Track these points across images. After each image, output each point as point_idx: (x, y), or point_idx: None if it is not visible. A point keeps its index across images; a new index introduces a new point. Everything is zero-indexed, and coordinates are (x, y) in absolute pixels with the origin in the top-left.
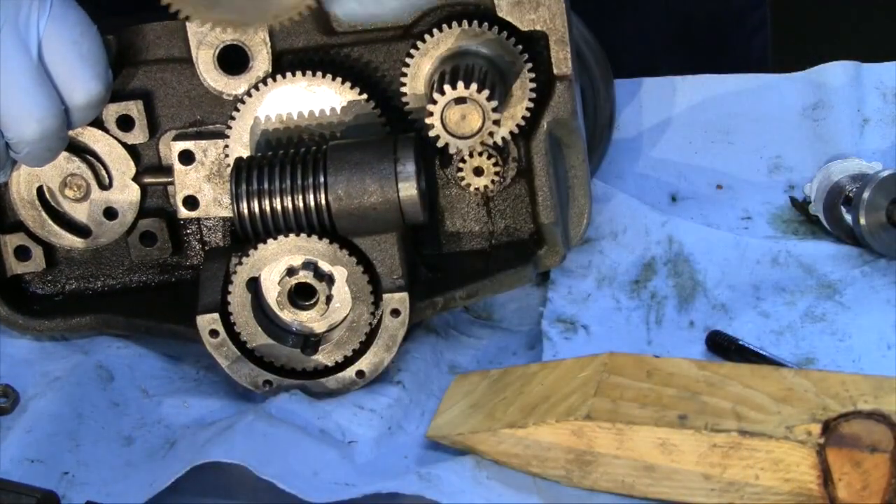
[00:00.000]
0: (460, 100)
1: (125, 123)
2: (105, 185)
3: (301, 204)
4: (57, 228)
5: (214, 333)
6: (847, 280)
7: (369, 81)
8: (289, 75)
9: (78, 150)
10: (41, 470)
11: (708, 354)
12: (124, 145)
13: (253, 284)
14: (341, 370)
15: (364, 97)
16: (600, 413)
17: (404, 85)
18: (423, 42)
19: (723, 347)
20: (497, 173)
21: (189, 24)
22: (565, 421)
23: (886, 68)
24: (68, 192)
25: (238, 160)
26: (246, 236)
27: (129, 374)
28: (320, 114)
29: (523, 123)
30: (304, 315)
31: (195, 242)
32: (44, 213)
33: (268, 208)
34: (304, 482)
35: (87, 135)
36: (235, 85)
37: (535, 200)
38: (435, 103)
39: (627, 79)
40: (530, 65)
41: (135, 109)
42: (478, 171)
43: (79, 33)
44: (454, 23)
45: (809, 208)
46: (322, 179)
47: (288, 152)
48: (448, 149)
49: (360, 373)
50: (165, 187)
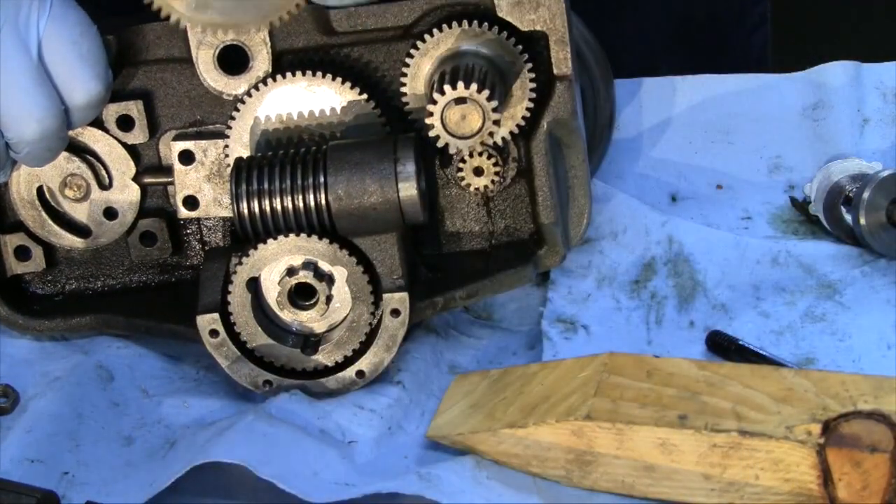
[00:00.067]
0: (460, 100)
1: (125, 123)
2: (105, 185)
3: (301, 204)
4: (57, 228)
5: (214, 333)
6: (847, 280)
7: (369, 81)
8: (289, 75)
9: (78, 150)
10: (41, 470)
11: (708, 354)
12: (124, 145)
13: (253, 284)
14: (341, 370)
15: (364, 97)
16: (600, 413)
17: (404, 85)
18: (423, 42)
19: (723, 347)
20: (497, 173)
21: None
22: (565, 421)
23: (886, 68)
24: (68, 192)
25: (238, 160)
26: (246, 236)
27: (129, 374)
28: (320, 114)
29: (523, 123)
30: (304, 315)
31: (195, 242)
32: (44, 213)
33: (268, 208)
34: (304, 482)
35: (87, 135)
36: (235, 85)
37: (535, 200)
38: (435, 103)
39: (627, 79)
40: (530, 65)
41: (135, 109)
42: (478, 171)
43: (79, 33)
44: (454, 23)
45: (809, 208)
46: (322, 179)
47: (288, 152)
48: (448, 149)
49: (360, 373)
50: (165, 187)
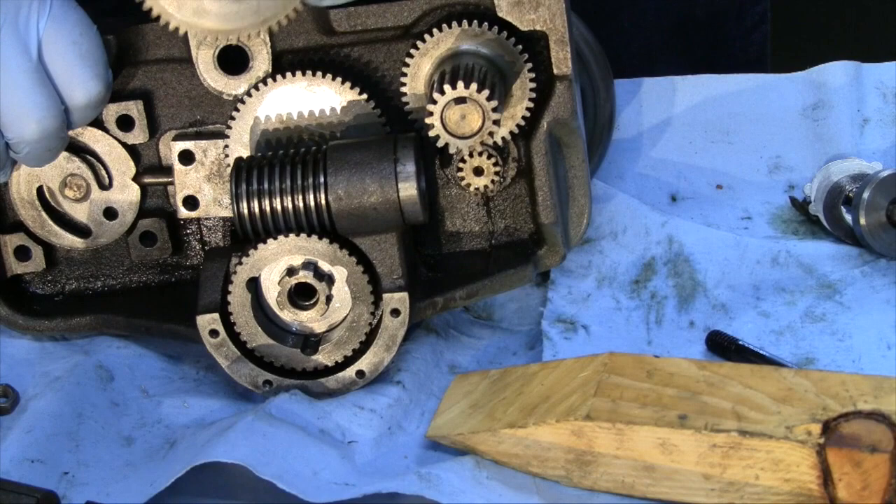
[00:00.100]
0: (460, 100)
1: (125, 123)
2: (105, 185)
3: (301, 204)
4: (57, 228)
5: (214, 333)
6: (847, 280)
7: (369, 81)
8: (289, 75)
9: (78, 150)
10: (41, 470)
11: (708, 354)
12: (124, 145)
13: (253, 284)
14: (341, 370)
15: (364, 97)
16: (600, 413)
17: (404, 85)
18: (423, 42)
19: (723, 347)
20: (497, 173)
21: None
22: (565, 421)
23: (886, 68)
24: (68, 192)
25: (238, 160)
26: (246, 236)
27: (129, 374)
28: (320, 114)
29: (523, 123)
30: (304, 315)
31: (195, 242)
32: (44, 213)
33: (268, 208)
34: (304, 482)
35: (87, 135)
36: (235, 85)
37: (535, 200)
38: (435, 103)
39: (627, 79)
40: (530, 65)
41: (135, 109)
42: (478, 171)
43: (78, 33)
44: (454, 23)
45: (809, 208)
46: (322, 179)
47: (288, 152)
48: (448, 149)
49: (360, 373)
50: (165, 187)
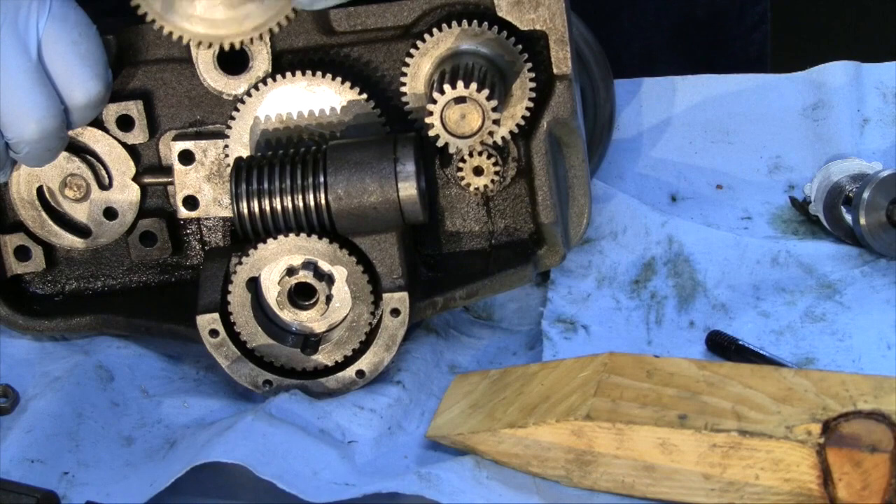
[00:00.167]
0: (460, 99)
1: (125, 123)
2: (105, 185)
3: (301, 204)
4: (57, 228)
5: (214, 333)
6: (847, 280)
7: (369, 81)
8: (289, 75)
9: (78, 150)
10: (41, 470)
11: (708, 354)
12: (124, 145)
13: (253, 284)
14: (341, 370)
15: (364, 97)
16: (600, 413)
17: (404, 85)
18: (423, 42)
19: (723, 347)
20: (497, 173)
21: None
22: (565, 421)
23: (886, 68)
24: (68, 192)
25: (238, 160)
26: (246, 236)
27: (129, 374)
28: (320, 114)
29: (523, 123)
30: (304, 315)
31: (195, 242)
32: (44, 213)
33: (268, 208)
34: (304, 482)
35: (87, 135)
36: (235, 85)
37: (535, 200)
38: (435, 103)
39: (627, 79)
40: (530, 64)
41: (135, 109)
42: (478, 171)
43: (78, 33)
44: (454, 22)
45: (809, 208)
46: (322, 179)
47: (288, 152)
48: (448, 148)
49: (360, 372)
50: (165, 187)
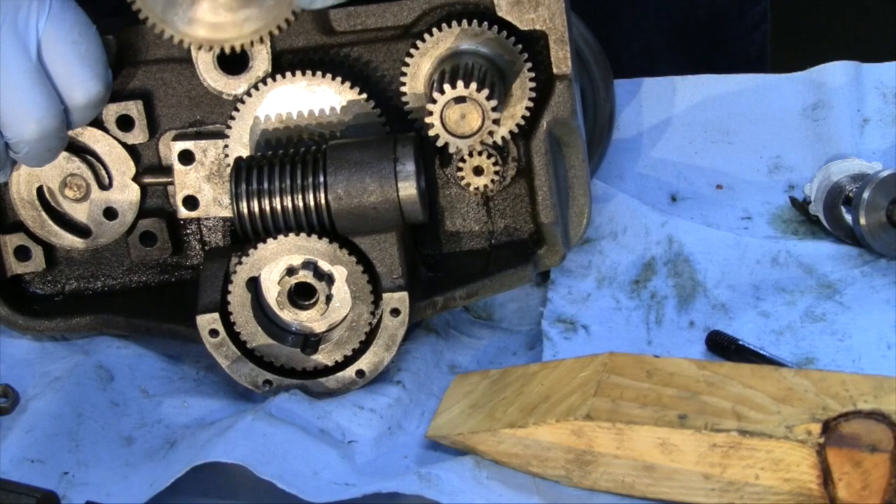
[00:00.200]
0: (460, 99)
1: (125, 123)
2: (105, 185)
3: (301, 203)
4: (57, 228)
5: (214, 333)
6: (847, 280)
7: (369, 81)
8: (288, 75)
9: (78, 150)
10: (41, 470)
11: (708, 354)
12: (124, 145)
13: (253, 284)
14: (341, 370)
15: (364, 97)
16: (600, 413)
17: (404, 84)
18: (423, 41)
19: (723, 347)
20: (497, 173)
21: None
22: (565, 421)
23: (886, 68)
24: (68, 192)
25: (238, 160)
26: (246, 236)
27: (129, 374)
28: (320, 113)
29: (523, 123)
30: (304, 315)
31: (195, 242)
32: (44, 213)
33: (267, 208)
34: (304, 482)
35: (87, 135)
36: (235, 85)
37: (535, 200)
38: (434, 102)
39: (627, 79)
40: (530, 64)
41: (135, 109)
42: (477, 171)
43: (78, 33)
44: (454, 22)
45: (809, 208)
46: (322, 179)
47: (288, 152)
48: (448, 148)
49: (360, 372)
50: (165, 187)
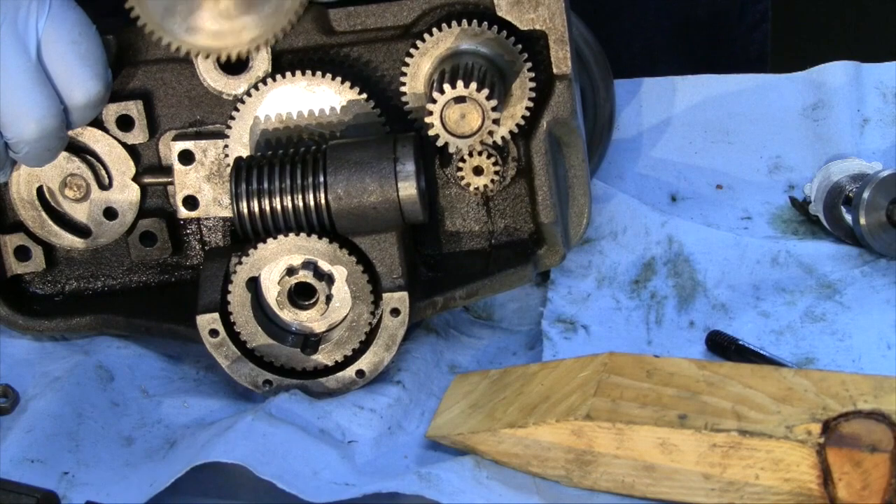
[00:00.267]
0: (460, 99)
1: (125, 123)
2: (105, 185)
3: (301, 203)
4: (57, 228)
5: (214, 333)
6: (847, 280)
7: (369, 81)
8: (288, 75)
9: (78, 150)
10: (41, 470)
11: (708, 354)
12: (124, 145)
13: (253, 284)
14: (341, 370)
15: (364, 97)
16: (600, 413)
17: (404, 84)
18: (423, 41)
19: (723, 347)
20: (497, 173)
21: None
22: (565, 421)
23: (886, 68)
24: (68, 192)
25: (238, 160)
26: (246, 236)
27: (129, 374)
28: (320, 113)
29: (523, 123)
30: (304, 315)
31: (195, 242)
32: (44, 213)
33: (267, 208)
34: (304, 482)
35: (87, 135)
36: (235, 85)
37: (535, 200)
38: (434, 102)
39: (627, 79)
40: (530, 64)
41: (134, 109)
42: (477, 171)
43: (78, 33)
44: (454, 22)
45: (809, 208)
46: (322, 179)
47: (288, 152)
48: (448, 148)
49: (360, 372)
50: (165, 187)
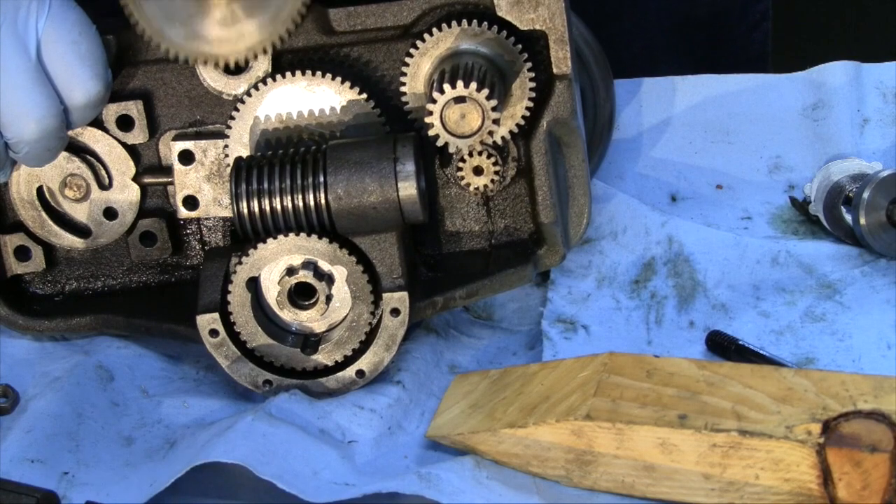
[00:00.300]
0: (460, 99)
1: (125, 123)
2: (105, 185)
3: (301, 203)
4: (57, 228)
5: (214, 333)
6: (847, 280)
7: (369, 81)
8: (288, 75)
9: (78, 150)
10: (41, 470)
11: (708, 354)
12: (124, 145)
13: (253, 284)
14: (341, 370)
15: (364, 97)
16: (600, 413)
17: (404, 84)
18: (423, 41)
19: (723, 347)
20: (497, 173)
21: None
22: (565, 421)
23: (886, 68)
24: (68, 192)
25: (238, 160)
26: (246, 236)
27: (129, 374)
28: (320, 113)
29: (523, 123)
30: (304, 315)
31: (195, 242)
32: (44, 213)
33: (267, 208)
34: (304, 482)
35: (87, 135)
36: (235, 85)
37: (535, 200)
38: (434, 102)
39: (627, 79)
40: (530, 64)
41: (134, 109)
42: (477, 171)
43: (78, 33)
44: (454, 22)
45: (809, 208)
46: (322, 179)
47: (288, 152)
48: (448, 148)
49: (360, 372)
50: (165, 187)
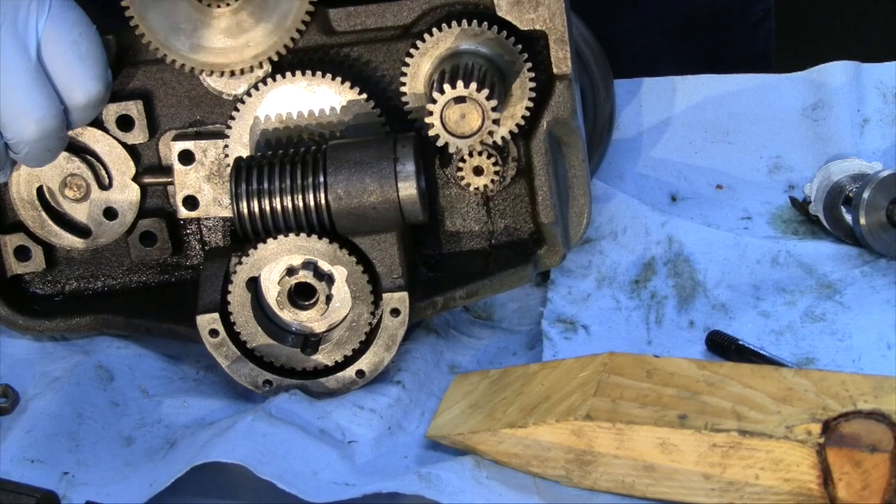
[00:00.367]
0: (460, 99)
1: (125, 123)
2: (105, 185)
3: (301, 203)
4: (57, 228)
5: (214, 333)
6: (847, 280)
7: (369, 81)
8: (288, 75)
9: (78, 151)
10: (41, 470)
11: (708, 354)
12: (124, 145)
13: (253, 284)
14: (341, 370)
15: (364, 97)
16: (600, 413)
17: (404, 84)
18: (423, 41)
19: (723, 347)
20: (497, 173)
21: None
22: (565, 421)
23: (886, 68)
24: (68, 192)
25: (238, 160)
26: (246, 236)
27: (129, 374)
28: (320, 113)
29: (523, 123)
30: (304, 315)
31: (195, 242)
32: (44, 213)
33: (267, 208)
34: (304, 482)
35: (87, 135)
36: (235, 85)
37: (535, 200)
38: (434, 102)
39: (627, 79)
40: (530, 64)
41: (134, 109)
42: (477, 171)
43: (78, 33)
44: (454, 22)
45: (809, 208)
46: (322, 179)
47: (288, 152)
48: (448, 148)
49: (360, 372)
50: (165, 187)
